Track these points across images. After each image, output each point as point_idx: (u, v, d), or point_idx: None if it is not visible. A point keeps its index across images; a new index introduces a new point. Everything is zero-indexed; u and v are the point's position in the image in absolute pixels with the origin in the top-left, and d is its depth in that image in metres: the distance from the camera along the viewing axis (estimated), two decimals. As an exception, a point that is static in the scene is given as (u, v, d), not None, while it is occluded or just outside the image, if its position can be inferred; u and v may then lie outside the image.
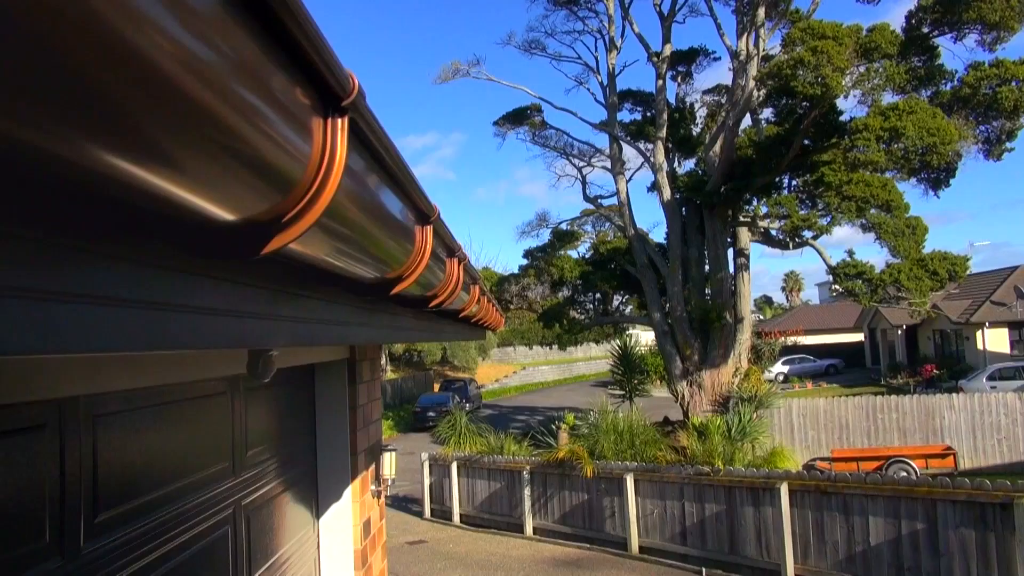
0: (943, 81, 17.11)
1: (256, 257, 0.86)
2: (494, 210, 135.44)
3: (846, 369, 44.83)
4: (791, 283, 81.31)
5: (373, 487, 5.98)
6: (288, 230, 0.86)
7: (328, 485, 5.53)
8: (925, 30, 17.02)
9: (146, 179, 0.58)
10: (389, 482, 6.21)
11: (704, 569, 11.74)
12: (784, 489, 10.76)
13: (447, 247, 1.92)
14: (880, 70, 15.88)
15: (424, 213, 1.51)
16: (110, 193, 0.59)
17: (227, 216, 0.73)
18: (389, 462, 6.21)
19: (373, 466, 6.03)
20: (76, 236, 0.69)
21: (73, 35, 0.44)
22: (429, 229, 1.56)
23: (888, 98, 16.96)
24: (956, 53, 17.74)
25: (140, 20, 0.48)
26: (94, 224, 0.70)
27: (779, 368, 41.37)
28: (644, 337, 40.67)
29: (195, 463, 3.47)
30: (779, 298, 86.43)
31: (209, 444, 3.66)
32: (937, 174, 17.47)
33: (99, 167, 0.54)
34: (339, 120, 0.88)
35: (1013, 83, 15.45)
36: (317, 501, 5.49)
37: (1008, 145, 17.15)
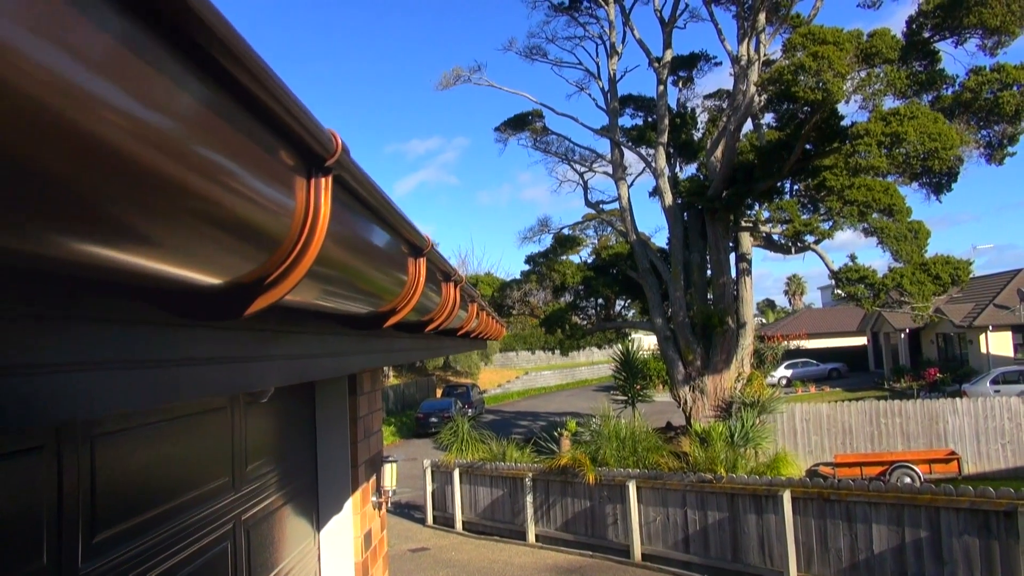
0: (944, 86, 17.09)
1: (239, 318, 0.86)
2: (497, 214, 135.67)
3: (849, 373, 44.78)
4: (794, 286, 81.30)
5: (374, 499, 5.97)
6: (272, 291, 0.86)
7: (329, 497, 5.51)
8: (926, 35, 17.00)
9: (125, 260, 0.58)
10: (390, 494, 6.19)
11: (707, 577, 11.71)
12: (787, 496, 10.74)
13: (443, 272, 1.91)
14: (881, 75, 15.87)
15: (417, 247, 1.51)
16: (88, 275, 0.59)
17: (207, 281, 0.73)
18: (390, 473, 6.20)
19: (374, 478, 6.02)
20: (54, 306, 0.69)
21: (39, 140, 0.44)
22: (422, 262, 1.56)
23: (889, 103, 16.95)
24: (957, 58, 17.81)
25: (104, 112, 0.48)
26: (76, 292, 0.70)
27: (782, 372, 41.27)
28: (647, 341, 40.66)
29: (194, 479, 3.47)
30: (782, 301, 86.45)
31: (208, 459, 3.66)
32: (939, 179, 17.43)
33: (75, 257, 0.54)
34: (323, 179, 0.88)
35: (1014, 87, 15.43)
36: (318, 513, 5.47)
37: (1010, 149, 17.11)
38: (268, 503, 4.45)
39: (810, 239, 19.76)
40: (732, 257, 22.10)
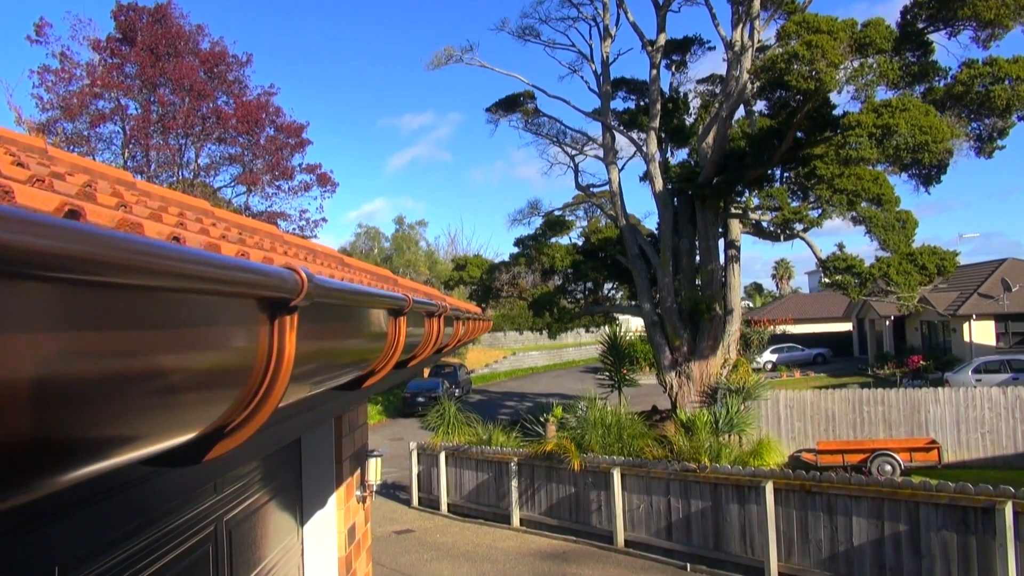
0: (936, 78, 17.05)
1: (199, 463, 0.82)
2: (489, 193, 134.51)
3: (834, 358, 45.15)
4: (781, 271, 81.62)
5: (358, 493, 5.97)
6: (234, 436, 0.82)
7: (313, 492, 5.49)
8: (920, 26, 16.93)
9: (77, 476, 0.55)
10: (374, 487, 6.20)
11: (689, 564, 11.84)
12: (769, 487, 10.84)
13: (426, 312, 1.88)
14: (874, 66, 15.81)
15: (397, 309, 1.47)
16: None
17: (163, 447, 0.69)
18: (374, 468, 6.21)
19: (358, 472, 6.01)
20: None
21: None
22: (402, 320, 1.52)
23: (881, 94, 16.92)
24: (950, 49, 17.75)
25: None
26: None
27: (768, 357, 41.63)
28: (634, 323, 40.76)
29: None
30: (769, 285, 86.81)
31: (190, 464, 3.62)
32: (928, 171, 17.47)
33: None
34: (287, 318, 0.83)
35: (1006, 81, 15.40)
36: (301, 508, 5.45)
37: (999, 143, 17.12)
38: (251, 502, 4.42)
39: (799, 227, 19.81)
40: (721, 243, 22.14)
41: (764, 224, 21.50)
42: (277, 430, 1.40)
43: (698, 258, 22.54)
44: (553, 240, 26.95)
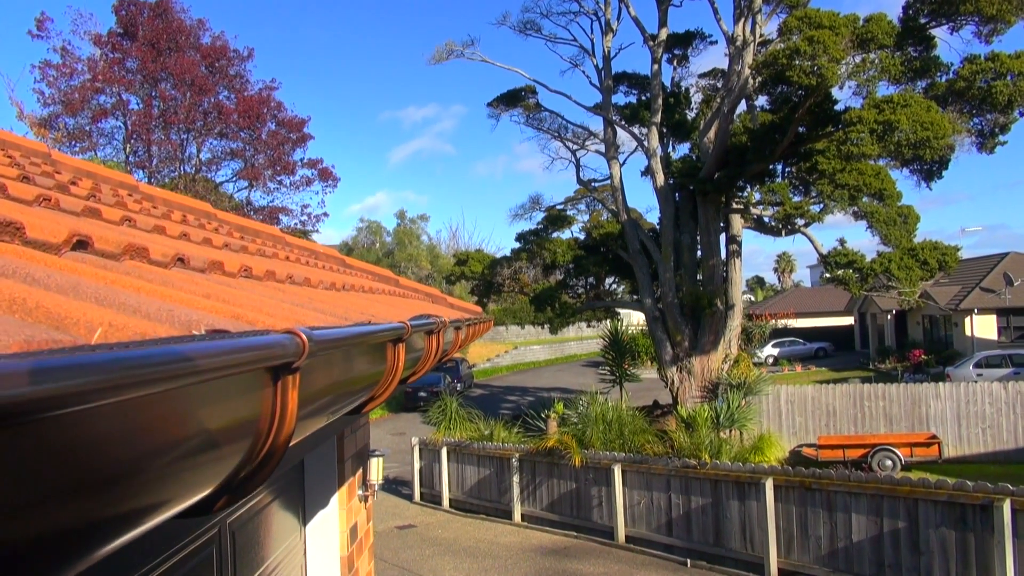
0: (938, 73, 17.01)
1: (207, 515, 0.86)
2: (491, 186, 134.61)
3: (836, 352, 45.20)
4: (783, 264, 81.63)
5: (360, 492, 6.01)
6: (237, 491, 0.85)
7: (315, 492, 5.53)
8: (922, 21, 16.89)
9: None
10: (376, 487, 6.24)
11: (689, 560, 11.91)
12: (769, 484, 10.89)
13: (426, 331, 1.91)
14: (876, 61, 15.78)
15: (396, 339, 1.51)
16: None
17: (175, 509, 0.73)
18: (376, 467, 6.25)
19: (360, 471, 6.05)
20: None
21: None
22: (401, 346, 1.56)
23: (883, 89, 16.90)
24: (952, 45, 17.76)
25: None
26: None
27: (769, 351, 41.67)
28: (636, 317, 40.75)
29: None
30: (771, 279, 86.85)
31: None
32: (930, 166, 17.46)
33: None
34: (290, 377, 0.87)
35: (1008, 77, 15.37)
36: (304, 508, 5.49)
37: (1001, 138, 17.11)
38: (254, 503, 4.46)
39: (800, 222, 19.79)
40: (722, 238, 22.13)
41: (766, 219, 21.50)
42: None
43: (699, 253, 22.55)
44: (554, 235, 26.97)
